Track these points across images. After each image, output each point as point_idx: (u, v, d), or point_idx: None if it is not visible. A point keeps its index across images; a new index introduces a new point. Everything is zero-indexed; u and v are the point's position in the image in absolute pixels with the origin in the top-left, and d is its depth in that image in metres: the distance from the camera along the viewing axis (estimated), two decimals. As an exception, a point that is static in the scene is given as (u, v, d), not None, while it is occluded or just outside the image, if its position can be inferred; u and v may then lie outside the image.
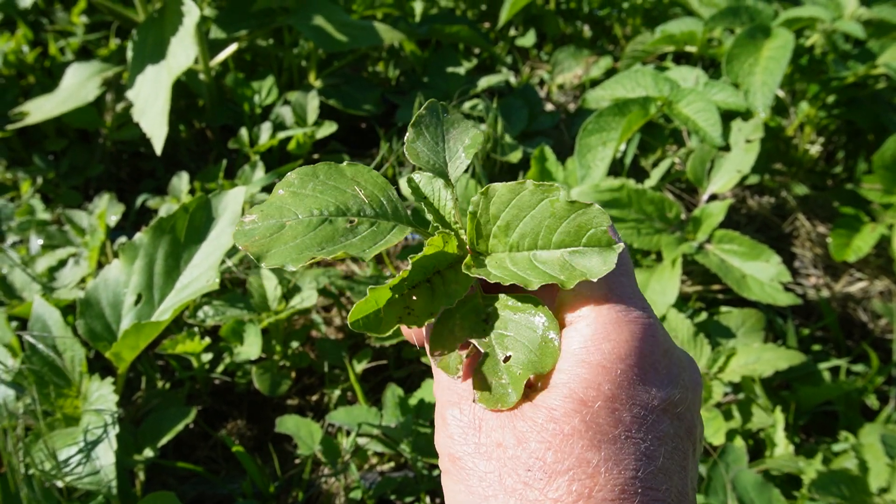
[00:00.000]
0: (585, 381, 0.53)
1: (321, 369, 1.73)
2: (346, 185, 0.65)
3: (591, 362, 0.54)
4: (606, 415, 0.52)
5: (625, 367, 0.54)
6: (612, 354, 0.54)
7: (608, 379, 0.53)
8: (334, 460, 1.50)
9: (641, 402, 0.53)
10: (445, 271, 0.64)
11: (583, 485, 0.50)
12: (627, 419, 0.52)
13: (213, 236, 1.32)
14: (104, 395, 1.23)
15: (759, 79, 1.90)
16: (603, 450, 0.51)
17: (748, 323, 1.73)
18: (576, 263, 0.57)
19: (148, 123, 1.88)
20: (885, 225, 1.96)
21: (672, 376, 0.56)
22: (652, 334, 0.56)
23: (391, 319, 0.61)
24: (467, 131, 0.70)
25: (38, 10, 2.62)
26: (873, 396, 1.74)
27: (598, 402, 0.52)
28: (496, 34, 2.80)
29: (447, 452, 0.57)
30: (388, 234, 0.64)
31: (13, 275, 1.70)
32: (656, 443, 0.53)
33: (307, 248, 0.60)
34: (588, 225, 0.57)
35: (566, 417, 0.52)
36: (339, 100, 2.27)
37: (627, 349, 0.54)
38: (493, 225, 0.62)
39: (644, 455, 0.52)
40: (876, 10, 2.09)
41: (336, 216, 0.64)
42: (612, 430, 0.52)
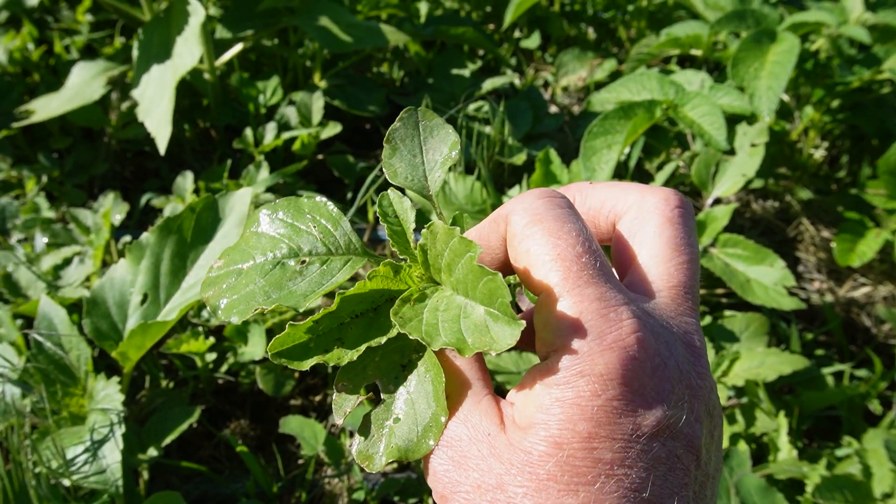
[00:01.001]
0: (560, 423, 0.50)
1: (325, 370, 1.73)
2: (302, 222, 0.63)
3: (565, 401, 0.50)
4: (583, 456, 0.49)
5: (602, 403, 0.50)
6: (587, 391, 0.50)
7: (584, 418, 0.50)
8: (338, 461, 1.50)
9: (624, 436, 0.50)
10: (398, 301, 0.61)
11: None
12: (608, 457, 0.49)
13: (220, 237, 1.32)
14: (110, 395, 1.24)
15: (764, 83, 1.90)
16: (581, 493, 0.49)
17: (752, 327, 1.73)
18: (490, 328, 0.52)
19: (152, 123, 1.88)
20: (889, 230, 1.97)
21: (663, 393, 0.52)
22: (634, 356, 0.51)
23: (318, 351, 0.58)
24: (447, 138, 0.66)
25: (44, 8, 2.63)
26: (876, 401, 1.75)
27: (574, 443, 0.49)
28: (501, 36, 2.80)
29: (436, 492, 0.56)
30: (338, 273, 0.61)
31: (18, 273, 1.71)
32: (644, 473, 0.50)
33: (253, 297, 0.59)
34: (497, 293, 0.52)
35: (541, 461, 0.50)
36: (343, 100, 2.28)
37: (603, 384, 0.50)
38: (441, 261, 0.58)
39: (629, 490, 0.49)
40: (881, 15, 2.09)
41: (289, 258, 0.62)
42: (590, 470, 0.49)
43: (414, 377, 0.58)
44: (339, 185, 2.23)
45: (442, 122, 0.68)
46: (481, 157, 2.07)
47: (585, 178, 1.82)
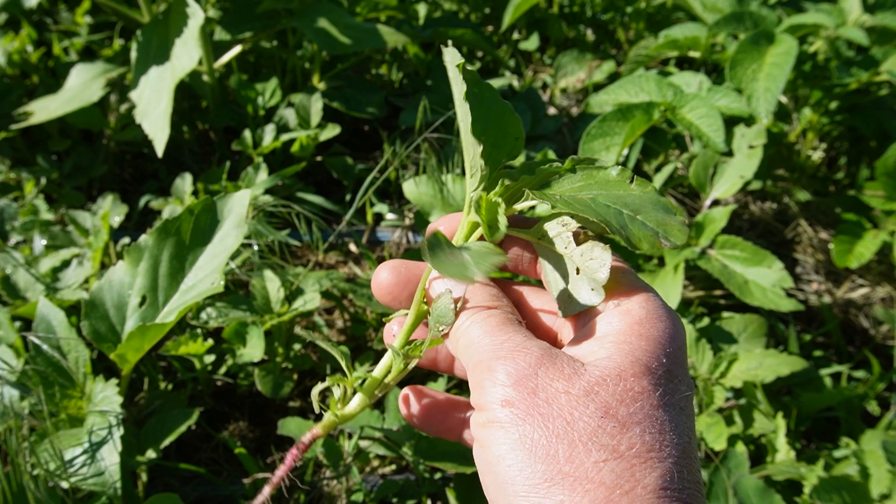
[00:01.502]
0: (648, 352, 0.57)
1: (323, 372, 1.73)
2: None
3: (650, 337, 0.58)
4: (667, 383, 0.57)
5: (674, 349, 0.59)
6: (665, 334, 0.59)
7: (665, 354, 0.58)
8: (336, 463, 1.50)
9: (686, 381, 0.59)
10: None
11: (654, 438, 0.53)
12: (681, 391, 0.57)
13: (218, 239, 1.32)
14: (108, 397, 1.24)
15: (762, 85, 1.90)
16: (668, 412, 0.55)
17: (750, 328, 1.74)
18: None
19: (150, 125, 1.88)
20: (887, 231, 1.97)
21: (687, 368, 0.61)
22: (682, 326, 0.62)
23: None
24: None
25: (43, 9, 2.63)
26: (874, 403, 1.75)
27: (661, 370, 0.57)
28: (499, 38, 2.81)
29: (498, 399, 0.57)
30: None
31: (17, 275, 1.71)
32: (692, 420, 0.58)
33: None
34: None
35: (635, 378, 0.56)
36: (342, 102, 2.28)
37: (674, 333, 0.60)
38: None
39: (690, 428, 0.57)
40: (879, 17, 2.10)
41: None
42: (673, 398, 0.56)
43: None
44: (338, 187, 2.24)
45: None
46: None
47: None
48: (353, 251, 2.02)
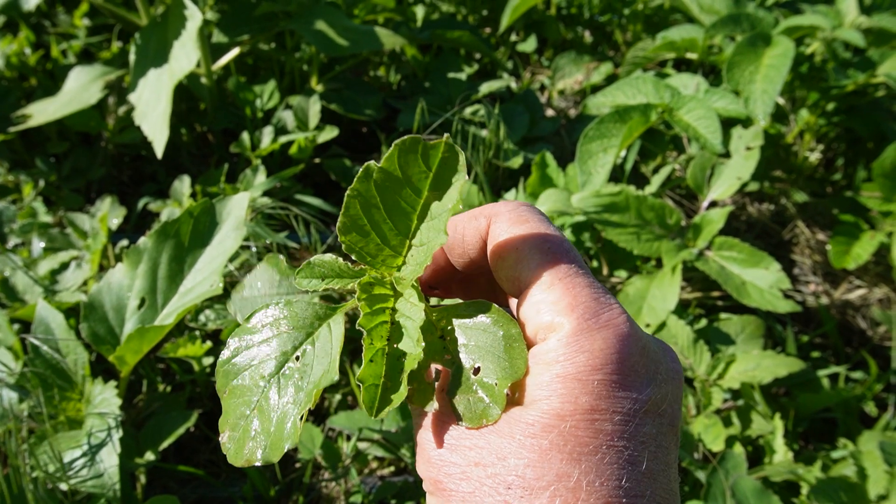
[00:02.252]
0: (562, 396, 0.52)
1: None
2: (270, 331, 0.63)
3: (566, 376, 0.52)
4: (585, 427, 0.51)
5: (602, 377, 0.52)
6: (587, 366, 0.52)
7: (585, 391, 0.52)
8: (335, 465, 1.50)
9: (622, 410, 0.52)
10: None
11: (564, 500, 0.50)
12: (608, 429, 0.51)
13: (217, 241, 1.32)
14: (107, 399, 1.24)
15: (759, 86, 1.91)
16: (583, 462, 0.50)
17: (748, 330, 1.74)
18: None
19: (149, 127, 1.88)
20: (884, 233, 1.97)
21: (650, 374, 0.54)
22: (626, 336, 0.54)
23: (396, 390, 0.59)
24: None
25: (41, 12, 2.63)
26: (872, 404, 1.75)
27: (577, 415, 0.51)
28: (497, 39, 2.81)
29: (428, 477, 0.56)
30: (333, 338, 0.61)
31: (15, 277, 1.71)
32: (640, 447, 0.52)
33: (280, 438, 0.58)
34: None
35: (544, 432, 0.51)
36: (340, 104, 2.28)
37: (603, 358, 0.53)
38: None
39: (628, 462, 0.51)
40: (876, 19, 2.10)
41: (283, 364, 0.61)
42: (592, 441, 0.51)
43: (461, 337, 0.59)
44: (336, 189, 2.24)
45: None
46: (477, 161, 2.08)
47: (581, 182, 1.83)
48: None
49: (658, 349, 0.57)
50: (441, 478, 0.55)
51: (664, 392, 0.55)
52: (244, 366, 0.62)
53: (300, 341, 0.62)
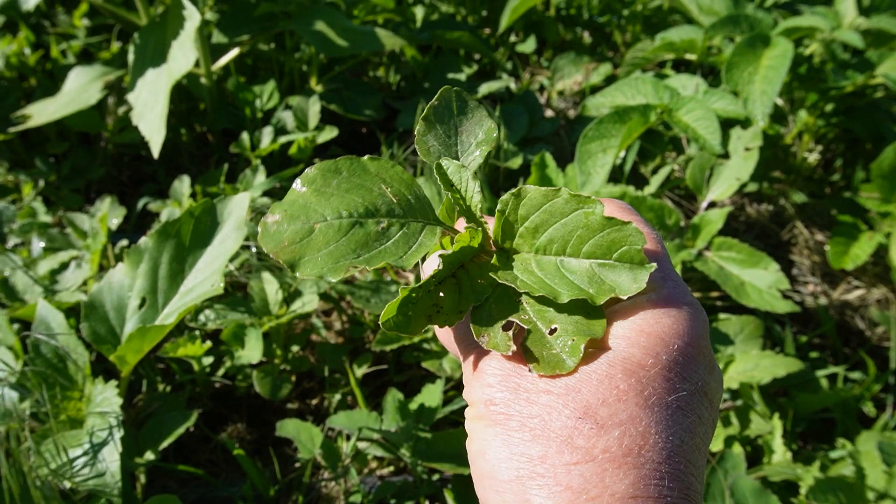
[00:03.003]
0: (644, 348, 0.54)
1: (321, 373, 1.73)
2: (372, 183, 0.62)
3: (651, 333, 0.55)
4: (662, 381, 0.53)
5: (682, 345, 0.55)
6: (671, 329, 0.55)
7: (665, 350, 0.54)
8: (334, 464, 1.50)
9: (691, 380, 0.54)
10: (469, 266, 0.62)
11: (633, 441, 0.51)
12: (681, 390, 0.54)
13: (218, 241, 1.32)
14: (108, 398, 1.24)
15: (758, 87, 1.91)
16: (655, 413, 0.52)
17: (746, 330, 1.74)
18: (605, 276, 0.56)
19: (147, 127, 1.88)
20: (882, 233, 1.98)
21: (712, 365, 0.57)
22: (703, 320, 0.58)
23: (420, 319, 0.59)
24: (481, 123, 0.68)
25: (40, 12, 2.63)
26: (870, 404, 1.76)
27: (656, 368, 0.53)
28: (496, 40, 2.81)
29: (483, 399, 0.56)
30: (420, 237, 0.62)
31: (15, 277, 1.71)
32: (697, 421, 0.54)
33: (343, 255, 0.58)
34: (622, 241, 0.56)
35: (623, 375, 0.53)
36: (340, 105, 2.28)
37: (685, 328, 0.56)
38: (521, 226, 0.60)
39: (688, 429, 0.53)
40: (874, 20, 2.11)
41: (366, 218, 0.60)
42: (665, 396, 0.53)
43: (537, 304, 0.59)
44: (336, 189, 2.24)
45: (478, 105, 0.68)
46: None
47: (581, 182, 1.83)
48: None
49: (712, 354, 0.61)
50: (500, 400, 0.55)
51: (717, 384, 0.57)
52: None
53: (395, 213, 0.62)
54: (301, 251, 0.58)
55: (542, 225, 0.59)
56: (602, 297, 0.55)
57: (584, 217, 0.57)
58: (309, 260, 0.58)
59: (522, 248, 0.61)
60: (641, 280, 0.55)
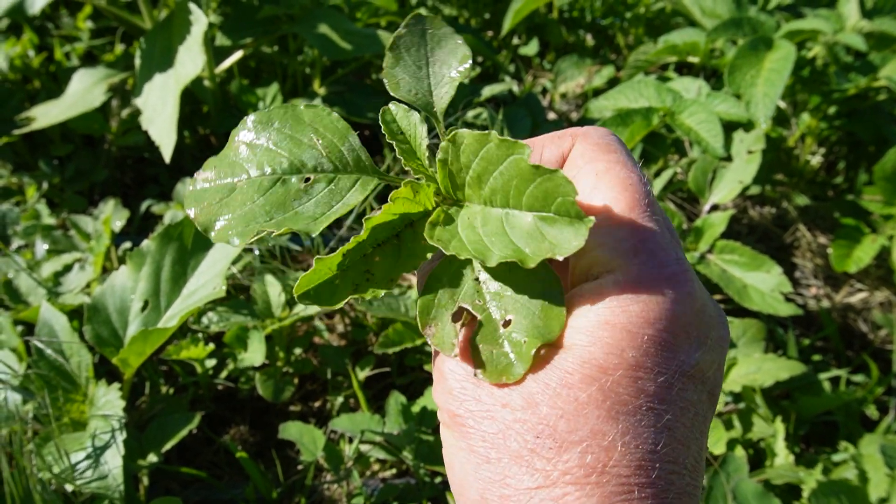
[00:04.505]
0: (607, 346, 0.48)
1: (324, 376, 1.73)
2: (303, 134, 0.56)
3: (616, 325, 0.48)
4: (628, 384, 0.47)
5: (653, 333, 0.48)
6: (639, 318, 0.48)
7: (633, 345, 0.47)
8: (337, 467, 1.50)
9: (668, 370, 0.48)
10: (419, 225, 0.56)
11: (596, 458, 0.46)
12: (651, 389, 0.48)
13: (220, 244, 1.33)
14: (111, 401, 1.24)
15: (760, 90, 1.91)
16: (621, 422, 0.47)
17: (749, 333, 1.74)
18: (546, 233, 0.48)
19: (156, 131, 1.89)
20: (885, 236, 1.98)
21: (702, 337, 0.50)
22: (688, 293, 0.50)
23: (347, 288, 0.54)
24: (455, 51, 0.60)
25: (45, 15, 2.64)
26: (873, 407, 1.75)
27: (620, 370, 0.47)
28: (499, 43, 2.82)
29: (446, 408, 0.52)
30: (348, 193, 0.56)
31: (19, 279, 1.71)
32: (679, 412, 0.49)
33: (254, 218, 0.53)
34: (555, 192, 0.48)
35: (583, 384, 0.47)
36: (342, 107, 2.29)
37: (658, 312, 0.48)
38: (466, 175, 0.53)
39: (665, 427, 0.48)
40: (877, 23, 2.11)
41: (290, 174, 0.55)
42: (632, 400, 0.47)
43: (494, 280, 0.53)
44: (339, 192, 2.24)
45: (451, 32, 0.62)
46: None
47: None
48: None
49: (714, 313, 0.52)
50: (461, 412, 0.51)
51: (711, 358, 0.51)
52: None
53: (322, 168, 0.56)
54: (217, 212, 0.54)
55: (483, 173, 0.52)
56: (537, 256, 0.48)
57: (515, 164, 0.49)
58: (222, 223, 0.53)
59: (472, 199, 0.54)
60: (582, 236, 0.47)
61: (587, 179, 0.54)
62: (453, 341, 0.52)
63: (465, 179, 0.53)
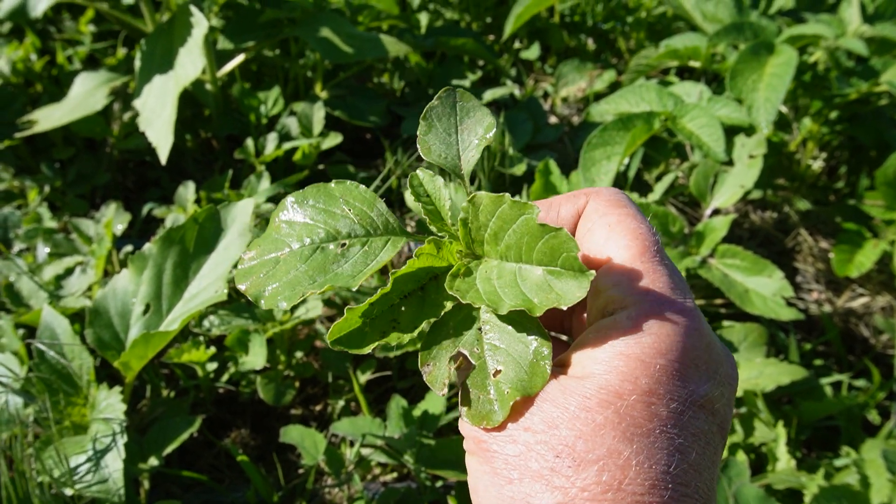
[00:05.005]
0: (622, 374, 0.52)
1: (325, 379, 1.73)
2: (336, 206, 0.64)
3: (630, 355, 0.53)
4: (642, 408, 0.51)
5: (665, 363, 0.53)
6: (652, 349, 0.53)
7: (646, 373, 0.52)
8: (338, 470, 1.50)
9: (679, 398, 0.53)
10: (442, 278, 0.62)
11: (612, 476, 0.50)
12: (664, 414, 0.52)
13: (222, 247, 1.33)
14: (112, 404, 1.24)
15: (762, 95, 1.91)
16: (635, 443, 0.51)
17: (751, 337, 1.74)
18: (553, 285, 0.55)
19: (154, 133, 1.89)
20: (887, 241, 1.97)
21: (711, 371, 0.55)
22: (696, 328, 0.55)
23: (375, 335, 0.60)
24: (482, 120, 0.68)
25: (47, 18, 2.64)
26: (875, 412, 1.75)
27: (634, 395, 0.52)
28: (501, 47, 2.82)
29: (472, 436, 0.57)
30: (381, 252, 0.63)
31: (20, 283, 1.71)
32: (691, 439, 0.52)
33: (299, 283, 0.60)
34: (560, 248, 0.54)
35: (600, 407, 0.51)
36: (344, 111, 2.29)
37: (669, 344, 0.53)
38: (485, 232, 0.60)
39: (677, 450, 0.52)
40: (878, 28, 2.11)
41: (327, 242, 0.63)
42: (646, 423, 0.51)
43: (494, 333, 0.59)
44: (340, 196, 2.24)
45: (479, 104, 0.69)
46: (482, 168, 2.08)
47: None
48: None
49: (721, 352, 0.57)
50: (486, 438, 0.55)
51: (721, 392, 0.55)
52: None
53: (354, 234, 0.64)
54: (265, 283, 0.61)
55: (499, 231, 0.59)
56: (544, 305, 0.54)
57: (525, 223, 0.57)
58: (270, 290, 0.60)
59: (491, 255, 0.61)
60: (584, 287, 0.53)
61: (601, 231, 0.61)
62: (444, 381, 0.58)
63: (484, 236, 0.60)
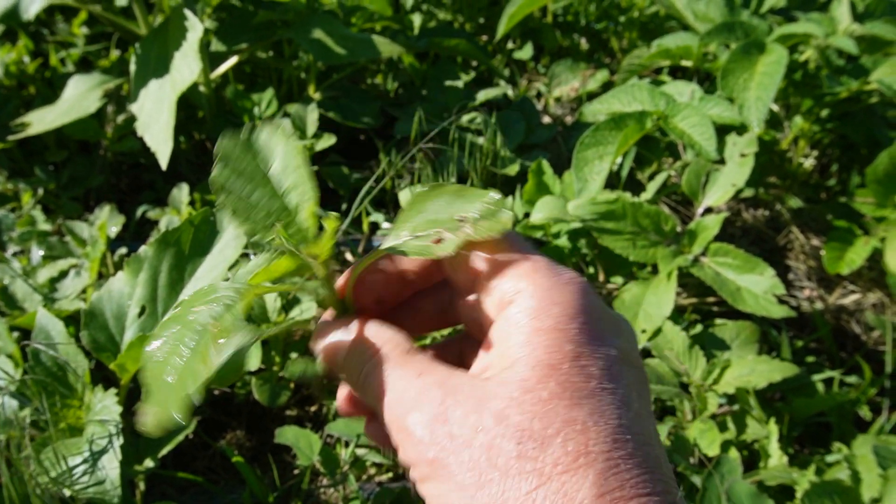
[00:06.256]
0: (547, 347, 0.53)
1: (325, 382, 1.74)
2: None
3: (546, 328, 0.54)
4: (577, 372, 0.52)
5: (578, 325, 0.54)
6: (563, 316, 0.54)
7: (567, 339, 0.53)
8: (333, 471, 1.51)
9: (602, 355, 0.54)
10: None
11: (577, 442, 0.50)
12: (596, 373, 0.53)
13: (217, 250, 1.33)
14: (108, 406, 1.25)
15: (753, 94, 1.92)
16: (585, 406, 0.51)
17: (743, 335, 1.75)
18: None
19: (152, 138, 1.89)
20: (877, 238, 1.99)
21: (616, 327, 0.57)
22: (590, 291, 0.57)
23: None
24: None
25: (39, 20, 2.64)
26: (866, 408, 1.76)
27: (566, 362, 0.52)
28: (494, 47, 2.83)
29: (422, 459, 0.54)
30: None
31: (14, 285, 1.72)
32: (627, 389, 0.53)
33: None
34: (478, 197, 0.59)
35: (540, 384, 0.52)
36: (338, 112, 2.29)
37: (575, 307, 0.55)
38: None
39: (622, 402, 0.52)
40: (869, 27, 2.12)
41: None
42: (586, 385, 0.52)
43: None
44: (334, 197, 2.25)
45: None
46: (474, 169, 2.09)
47: (577, 189, 1.84)
48: (349, 260, 2.03)
49: (613, 310, 0.59)
50: (439, 455, 0.53)
51: (631, 345, 0.57)
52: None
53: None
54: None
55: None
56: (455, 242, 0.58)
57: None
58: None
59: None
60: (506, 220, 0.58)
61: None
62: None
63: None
